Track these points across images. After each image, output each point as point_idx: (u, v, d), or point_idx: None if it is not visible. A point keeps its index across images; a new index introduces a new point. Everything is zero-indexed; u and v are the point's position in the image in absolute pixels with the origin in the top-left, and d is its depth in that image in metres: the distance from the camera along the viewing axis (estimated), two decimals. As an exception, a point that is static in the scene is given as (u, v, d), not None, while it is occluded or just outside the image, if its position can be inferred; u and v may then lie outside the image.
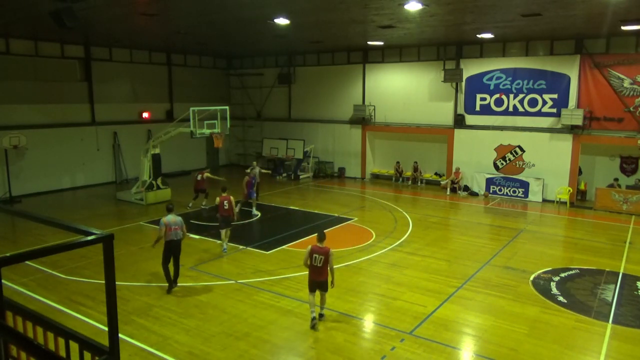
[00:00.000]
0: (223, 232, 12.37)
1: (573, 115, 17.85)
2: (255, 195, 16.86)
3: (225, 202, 12.27)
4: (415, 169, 22.42)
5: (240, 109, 27.40)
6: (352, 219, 16.02)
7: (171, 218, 9.83)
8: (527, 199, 19.29)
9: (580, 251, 12.98)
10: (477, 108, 20.45)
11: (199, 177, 17.36)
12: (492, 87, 19.97)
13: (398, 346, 7.81)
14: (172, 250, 9.85)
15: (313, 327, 8.31)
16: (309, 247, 8.43)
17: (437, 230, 15.03)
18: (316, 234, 8.64)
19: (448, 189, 20.69)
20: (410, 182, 22.57)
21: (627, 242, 13.75)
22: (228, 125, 18.40)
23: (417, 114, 21.93)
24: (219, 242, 13.21)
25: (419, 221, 15.76)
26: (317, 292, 8.52)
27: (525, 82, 19.22)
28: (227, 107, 18.45)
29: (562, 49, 18.42)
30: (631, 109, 17.34)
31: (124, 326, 8.12)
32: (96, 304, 9.20)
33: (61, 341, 3.53)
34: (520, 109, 19.46)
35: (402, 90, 22.33)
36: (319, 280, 8.39)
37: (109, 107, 22.09)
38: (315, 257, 8.27)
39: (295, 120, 25.94)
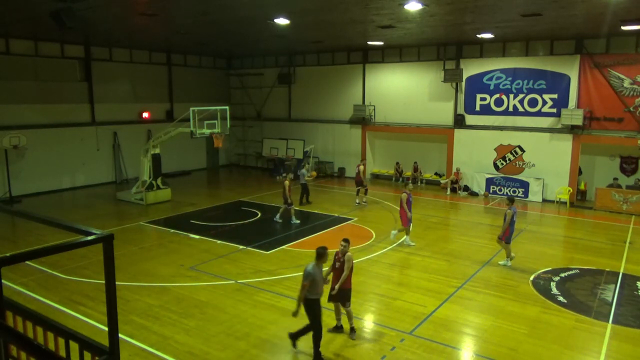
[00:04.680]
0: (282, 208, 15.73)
1: (573, 115, 17.85)
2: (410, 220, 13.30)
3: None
4: (415, 169, 22.41)
5: (240, 109, 27.39)
6: (352, 219, 16.02)
7: (315, 269, 7.42)
8: (527, 199, 19.29)
9: (580, 251, 12.98)
10: (477, 108, 20.45)
11: (357, 170, 18.30)
12: (492, 87, 19.96)
13: (398, 346, 7.81)
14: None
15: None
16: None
17: (437, 230, 15.03)
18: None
19: (448, 189, 20.69)
20: (410, 182, 22.51)
21: (627, 242, 13.75)
22: (228, 125, 18.41)
23: (417, 114, 21.93)
24: (219, 242, 13.43)
25: (419, 221, 15.74)
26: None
27: (525, 82, 19.22)
28: (227, 107, 18.46)
29: (562, 49, 18.42)
30: (631, 109, 17.34)
31: (124, 326, 8.12)
32: (96, 304, 9.19)
33: (61, 341, 3.53)
34: (520, 109, 19.46)
35: (402, 90, 22.33)
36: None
37: (109, 107, 22.09)
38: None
39: (295, 120, 25.94)
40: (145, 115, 23.65)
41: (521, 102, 19.40)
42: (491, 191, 20.05)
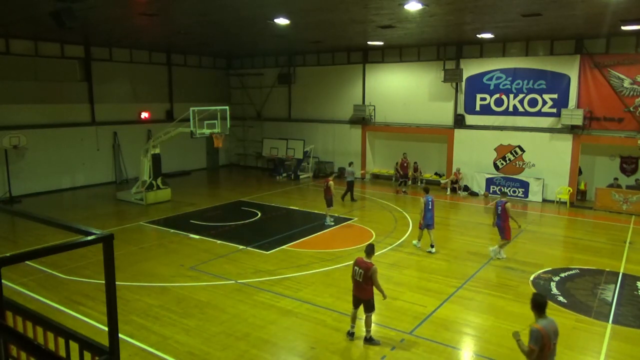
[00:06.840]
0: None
1: (573, 115, 17.84)
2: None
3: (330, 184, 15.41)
4: (415, 169, 22.41)
5: (240, 109, 27.39)
6: (352, 219, 16.02)
7: (550, 325, 5.77)
8: (527, 199, 19.28)
9: (580, 251, 12.97)
10: (477, 108, 20.45)
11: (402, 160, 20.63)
12: (492, 87, 19.96)
13: (398, 346, 7.81)
14: None
15: (349, 336, 8.11)
16: (356, 258, 8.01)
17: (437, 230, 14.92)
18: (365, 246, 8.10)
19: (448, 189, 20.69)
20: (410, 182, 22.55)
21: (627, 242, 13.75)
22: (228, 125, 18.41)
23: (417, 114, 21.93)
24: (219, 242, 13.43)
25: (419, 221, 15.72)
26: (361, 309, 7.95)
27: (525, 82, 19.21)
28: (227, 107, 18.47)
29: (562, 49, 18.42)
30: (631, 109, 17.33)
31: (124, 326, 8.12)
32: (96, 304, 9.19)
33: (61, 341, 3.53)
34: (520, 109, 19.46)
35: (402, 90, 22.33)
36: (357, 296, 7.92)
37: (109, 107, 22.09)
38: (356, 270, 7.82)
39: (295, 120, 25.94)
40: (145, 115, 23.64)
41: (521, 102, 19.40)
42: (491, 191, 20.04)
